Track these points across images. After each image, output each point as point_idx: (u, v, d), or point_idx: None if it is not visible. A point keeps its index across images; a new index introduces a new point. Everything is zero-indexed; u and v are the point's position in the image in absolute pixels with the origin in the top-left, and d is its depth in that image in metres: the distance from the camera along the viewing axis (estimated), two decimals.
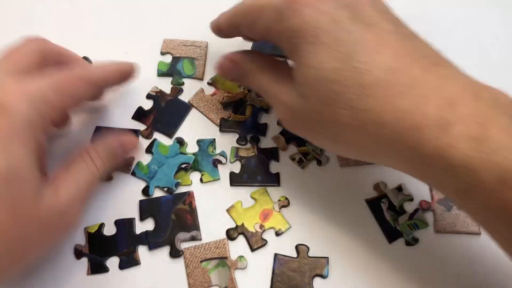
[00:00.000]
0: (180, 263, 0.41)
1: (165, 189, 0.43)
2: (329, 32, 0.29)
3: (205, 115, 0.47)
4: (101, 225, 0.42)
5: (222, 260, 0.40)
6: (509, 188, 0.25)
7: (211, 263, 0.40)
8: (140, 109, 0.47)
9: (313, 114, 0.31)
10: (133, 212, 0.43)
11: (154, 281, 0.40)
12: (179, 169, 0.44)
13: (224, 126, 0.47)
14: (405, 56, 0.29)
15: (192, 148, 0.46)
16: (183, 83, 0.49)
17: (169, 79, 0.49)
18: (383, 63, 0.29)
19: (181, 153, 0.45)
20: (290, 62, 0.36)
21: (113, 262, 0.41)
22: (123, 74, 0.40)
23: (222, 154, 0.45)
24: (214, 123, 0.47)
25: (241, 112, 0.48)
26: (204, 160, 0.45)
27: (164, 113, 0.47)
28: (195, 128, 0.47)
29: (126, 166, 0.44)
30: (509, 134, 0.26)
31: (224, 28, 0.40)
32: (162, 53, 0.51)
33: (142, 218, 0.42)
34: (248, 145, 0.46)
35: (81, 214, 0.36)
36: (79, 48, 0.51)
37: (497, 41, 0.53)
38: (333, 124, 0.31)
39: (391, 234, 0.42)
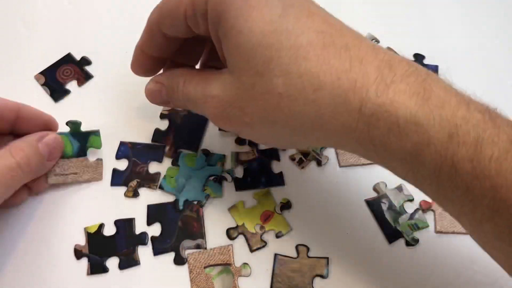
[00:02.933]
0: (184, 268, 0.40)
1: (195, 202, 0.43)
2: None
3: None
4: (101, 225, 0.42)
5: (226, 267, 0.40)
6: (461, 145, 0.24)
7: (214, 269, 0.40)
8: (157, 131, 0.46)
9: (244, 92, 0.29)
10: (141, 216, 0.43)
11: (157, 285, 0.40)
12: (207, 181, 0.44)
13: None
14: (335, 25, 0.29)
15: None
16: None
17: None
18: (314, 27, 0.27)
19: (208, 165, 0.45)
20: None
21: (113, 262, 0.41)
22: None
23: (229, 172, 0.44)
24: None
25: None
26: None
27: (183, 129, 0.46)
28: (214, 140, 0.46)
29: (152, 182, 0.44)
30: (448, 91, 0.26)
31: (145, 46, 0.36)
32: None
33: (149, 223, 0.42)
34: (247, 148, 0.46)
35: None
36: (79, 48, 0.51)
37: (497, 41, 0.53)
38: (267, 97, 0.28)
39: (391, 235, 0.42)
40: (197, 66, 0.41)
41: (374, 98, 0.26)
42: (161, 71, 0.39)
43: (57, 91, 0.49)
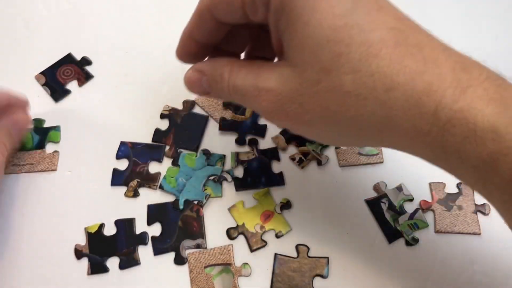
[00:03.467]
0: (184, 268, 0.40)
1: (196, 202, 0.43)
2: None
3: (209, 115, 0.47)
4: (101, 225, 0.42)
5: (226, 267, 0.40)
6: None
7: (215, 269, 0.40)
8: (157, 131, 0.47)
9: (307, 88, 0.27)
10: (141, 216, 0.43)
11: (157, 285, 0.40)
12: (207, 181, 0.44)
13: (223, 126, 0.47)
14: (405, 20, 0.27)
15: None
16: None
17: (178, 95, 0.48)
18: (386, 23, 0.26)
19: (208, 165, 0.45)
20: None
21: (113, 262, 0.41)
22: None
23: (229, 172, 0.45)
24: (216, 119, 0.47)
25: (241, 112, 0.48)
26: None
27: (183, 129, 0.47)
28: (214, 140, 0.47)
29: (152, 182, 0.44)
30: None
31: (193, 31, 0.34)
32: None
33: (149, 223, 0.42)
34: (247, 148, 0.46)
35: None
36: (79, 48, 0.51)
37: (497, 41, 0.53)
38: (332, 95, 0.26)
39: (391, 234, 0.42)
40: (242, 54, 0.38)
41: (451, 103, 0.24)
42: (206, 58, 0.37)
43: (57, 91, 0.49)
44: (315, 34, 0.26)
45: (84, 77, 0.50)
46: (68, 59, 0.51)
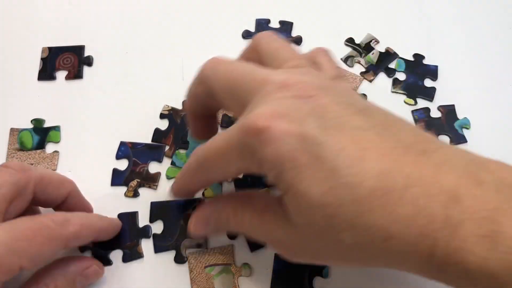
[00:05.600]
0: (184, 267, 0.40)
1: (198, 201, 0.43)
2: (305, 151, 0.26)
3: None
4: None
5: (227, 267, 0.40)
6: None
7: (215, 269, 0.40)
8: (157, 131, 0.47)
9: (312, 243, 0.29)
10: (141, 216, 0.43)
11: (159, 282, 0.40)
12: None
13: (225, 122, 0.47)
14: (390, 154, 0.27)
15: None
16: None
17: (178, 95, 0.48)
18: (371, 170, 0.26)
19: None
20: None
21: (116, 255, 0.41)
22: (102, 233, 0.39)
23: None
24: (218, 122, 0.47)
25: None
26: None
27: (183, 129, 0.47)
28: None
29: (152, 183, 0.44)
30: None
31: (190, 192, 0.40)
32: None
33: (151, 220, 0.42)
34: None
35: None
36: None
37: (497, 41, 0.53)
38: (336, 247, 0.28)
39: None
40: None
41: (441, 247, 0.25)
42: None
43: (45, 72, 0.49)
44: (305, 201, 0.27)
45: (74, 74, 0.49)
46: (78, 49, 0.51)
